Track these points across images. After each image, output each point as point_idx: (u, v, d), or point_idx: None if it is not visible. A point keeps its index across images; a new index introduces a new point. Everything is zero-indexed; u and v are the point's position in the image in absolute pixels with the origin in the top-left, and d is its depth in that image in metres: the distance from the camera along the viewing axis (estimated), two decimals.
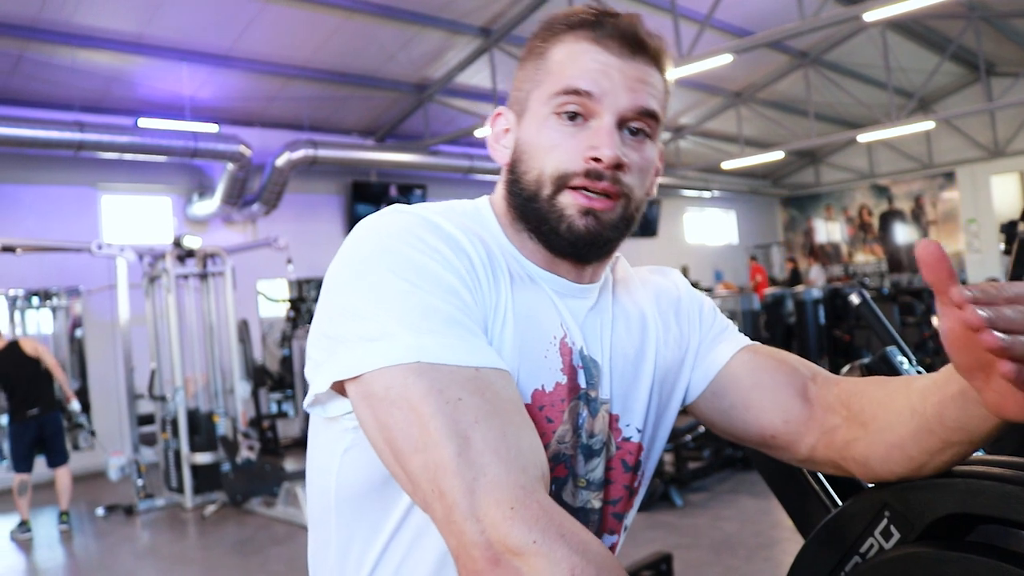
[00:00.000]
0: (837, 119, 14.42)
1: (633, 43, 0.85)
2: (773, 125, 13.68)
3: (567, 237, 0.85)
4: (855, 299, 1.57)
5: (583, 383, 0.87)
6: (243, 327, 8.42)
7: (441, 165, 11.00)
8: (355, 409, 0.75)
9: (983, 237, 15.27)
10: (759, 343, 1.02)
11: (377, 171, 11.22)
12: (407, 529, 0.82)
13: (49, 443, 6.12)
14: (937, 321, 0.66)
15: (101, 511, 6.53)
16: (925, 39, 11.94)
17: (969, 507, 0.77)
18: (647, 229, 14.92)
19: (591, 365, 0.89)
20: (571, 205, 0.84)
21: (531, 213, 0.87)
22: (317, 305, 0.81)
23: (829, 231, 17.86)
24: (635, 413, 0.94)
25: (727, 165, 13.53)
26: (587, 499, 0.90)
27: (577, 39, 0.86)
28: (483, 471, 0.65)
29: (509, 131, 0.92)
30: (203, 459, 6.62)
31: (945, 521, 0.79)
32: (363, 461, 0.81)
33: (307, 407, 0.84)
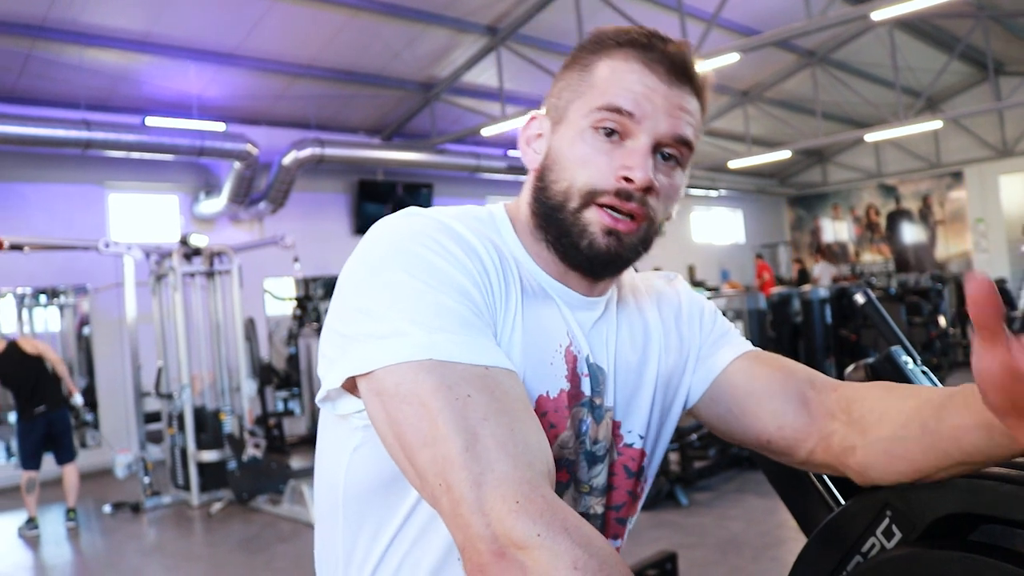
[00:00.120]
0: (844, 118, 14.37)
1: (681, 71, 0.85)
2: (780, 124, 13.64)
3: (586, 253, 0.86)
4: (860, 299, 1.57)
5: (587, 390, 0.88)
6: (250, 325, 8.45)
7: (447, 164, 11.00)
8: (366, 405, 0.76)
9: (991, 237, 15.21)
10: (760, 349, 1.02)
11: (384, 170, 11.23)
12: (411, 526, 0.83)
13: (57, 440, 6.14)
14: (974, 360, 0.65)
15: (108, 508, 6.56)
16: (933, 38, 11.88)
17: (971, 507, 0.77)
18: None
19: (597, 373, 0.90)
20: (595, 222, 0.85)
21: (554, 223, 0.87)
22: (331, 303, 0.82)
23: (836, 230, 17.80)
24: (637, 420, 0.95)
25: (734, 164, 13.49)
26: (589, 504, 0.92)
27: (626, 58, 0.86)
28: (490, 466, 0.66)
29: (542, 136, 0.92)
30: (209, 457, 6.64)
31: (947, 521, 0.79)
32: (372, 459, 0.82)
33: (319, 402, 0.86)
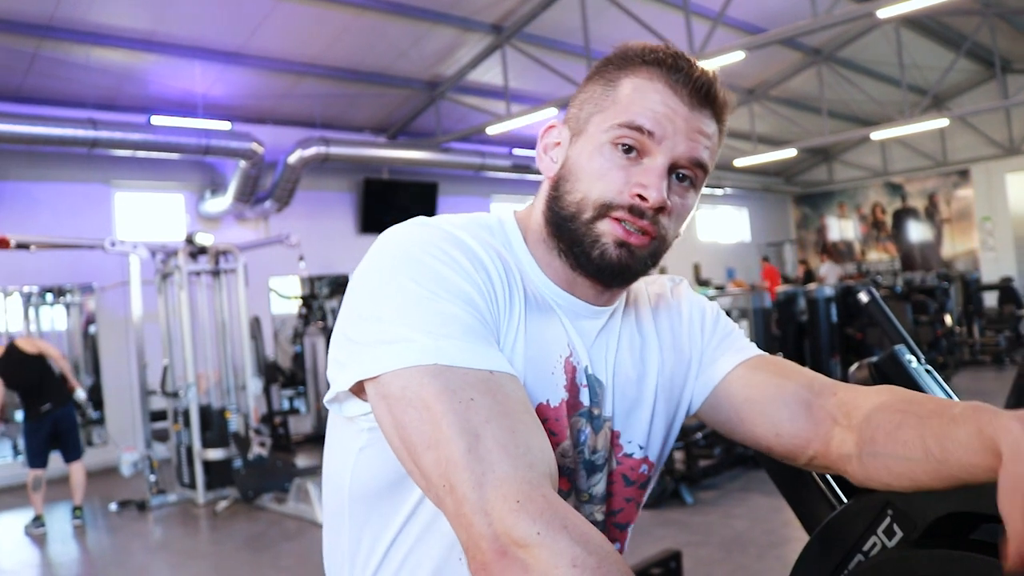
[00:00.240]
0: (850, 116, 14.33)
1: (703, 94, 0.87)
2: (786, 122, 13.61)
3: (597, 263, 0.87)
4: (864, 297, 1.56)
5: (586, 401, 0.90)
6: (255, 324, 8.47)
7: (453, 162, 11.00)
8: (373, 408, 0.78)
9: (998, 235, 15.15)
10: (762, 353, 1.03)
11: (389, 168, 11.24)
12: (414, 525, 0.86)
13: (64, 438, 6.15)
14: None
15: (114, 506, 6.58)
16: (939, 36, 11.84)
17: (972, 506, 0.76)
18: None
19: (595, 384, 0.91)
20: (608, 233, 0.86)
21: (566, 232, 0.89)
22: (341, 309, 0.84)
23: (842, 229, 17.76)
24: (637, 430, 0.96)
25: (740, 162, 13.46)
26: (589, 512, 0.93)
27: (651, 76, 0.87)
28: (492, 467, 0.68)
29: (560, 145, 0.93)
30: (215, 455, 6.65)
31: (948, 520, 0.79)
32: (378, 460, 0.85)
33: (327, 403, 0.88)
